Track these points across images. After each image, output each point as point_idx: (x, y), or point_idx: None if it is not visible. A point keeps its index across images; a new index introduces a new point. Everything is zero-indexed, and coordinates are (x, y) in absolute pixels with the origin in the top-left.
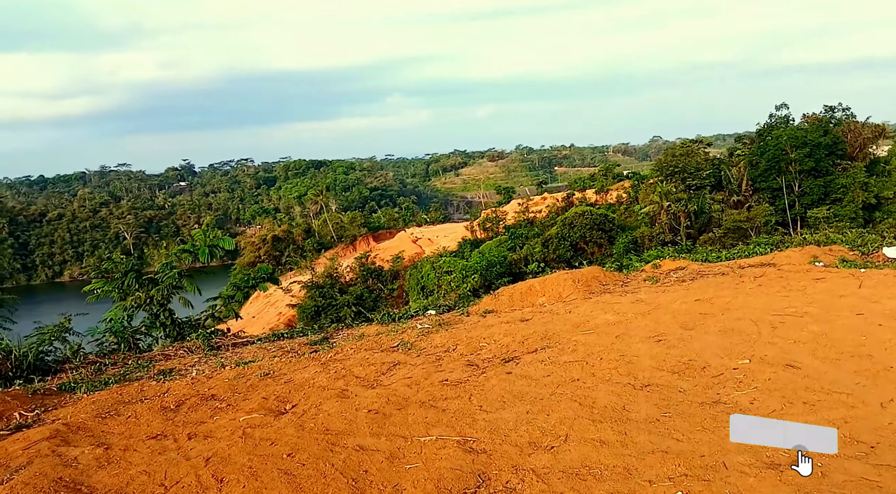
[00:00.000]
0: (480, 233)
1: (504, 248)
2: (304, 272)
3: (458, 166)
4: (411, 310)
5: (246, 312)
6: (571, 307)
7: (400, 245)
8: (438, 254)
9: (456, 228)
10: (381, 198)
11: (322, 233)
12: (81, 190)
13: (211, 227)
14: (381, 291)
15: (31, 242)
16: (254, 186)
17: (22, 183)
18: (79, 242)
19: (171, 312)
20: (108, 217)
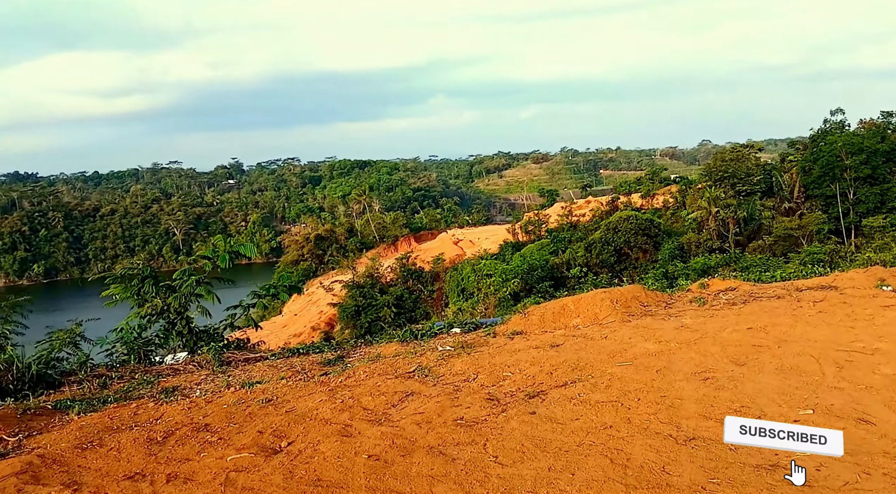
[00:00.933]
0: (522, 236)
1: (546, 252)
2: (346, 271)
3: (502, 168)
4: (435, 327)
5: (288, 309)
6: (608, 331)
7: (441, 246)
8: (479, 257)
9: (498, 230)
10: (424, 198)
11: (364, 233)
12: (134, 186)
13: (257, 224)
14: (420, 292)
15: (85, 236)
16: (299, 185)
17: (77, 178)
18: (130, 237)
19: (189, 321)
20: (158, 213)
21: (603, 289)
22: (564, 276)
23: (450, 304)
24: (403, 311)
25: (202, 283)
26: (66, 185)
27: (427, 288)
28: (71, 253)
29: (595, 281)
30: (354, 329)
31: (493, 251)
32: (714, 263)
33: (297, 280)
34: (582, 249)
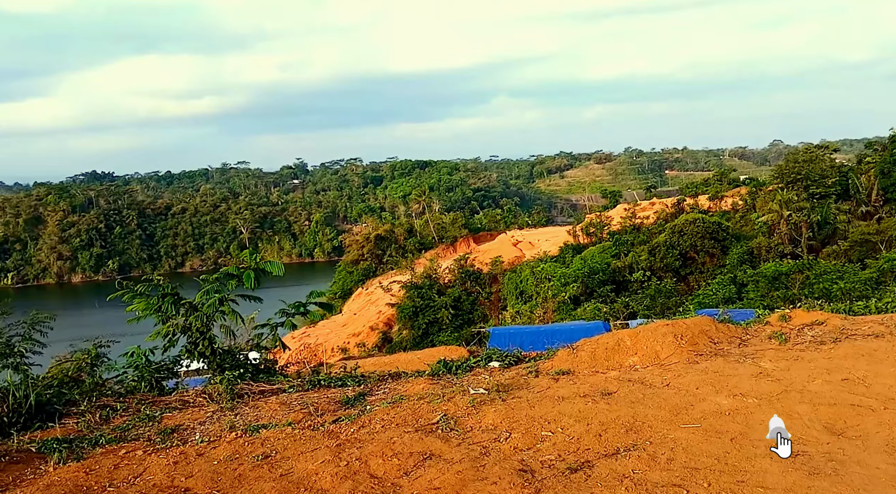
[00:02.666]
0: (583, 238)
1: (608, 255)
2: (404, 272)
3: (564, 168)
4: (471, 360)
5: (348, 309)
6: (671, 376)
7: (500, 247)
8: (539, 259)
9: (558, 232)
10: (484, 199)
11: (423, 233)
12: (204, 185)
13: (320, 223)
14: (478, 294)
15: (157, 234)
16: (361, 185)
17: (151, 178)
18: (199, 235)
19: (212, 341)
20: (226, 212)
21: (665, 322)
22: (627, 280)
23: (508, 307)
24: (461, 313)
25: (226, 302)
26: (140, 184)
27: (485, 291)
28: (144, 250)
29: (659, 286)
30: (412, 330)
31: (553, 253)
32: (786, 269)
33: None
34: (645, 252)
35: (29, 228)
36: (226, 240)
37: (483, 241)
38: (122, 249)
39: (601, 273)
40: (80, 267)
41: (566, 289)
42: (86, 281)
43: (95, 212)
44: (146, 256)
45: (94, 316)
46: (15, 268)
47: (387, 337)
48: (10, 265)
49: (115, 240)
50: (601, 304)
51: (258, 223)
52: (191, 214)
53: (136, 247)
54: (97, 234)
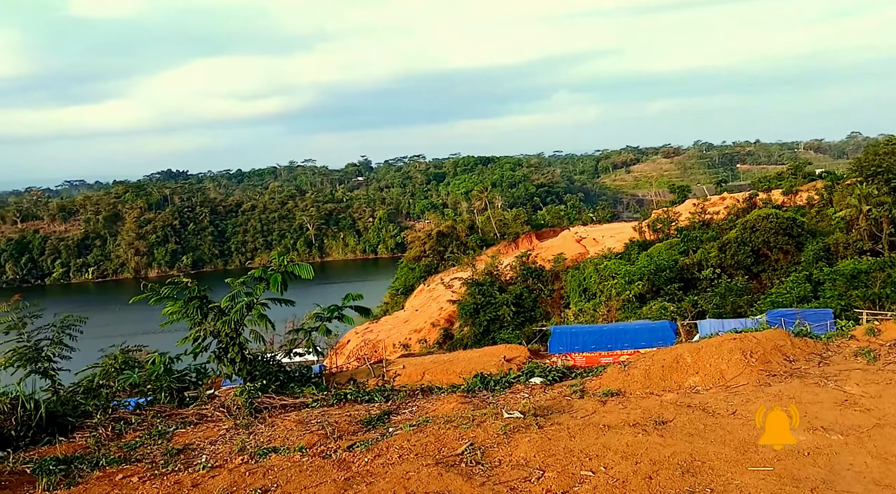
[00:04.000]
0: (650, 235)
1: (675, 252)
2: (466, 268)
3: (630, 163)
4: (510, 375)
5: (410, 305)
6: (738, 401)
7: (563, 244)
8: (603, 256)
9: (623, 228)
10: (547, 195)
11: (485, 230)
12: (272, 183)
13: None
14: (540, 292)
15: (228, 230)
16: (424, 182)
17: (223, 176)
18: (268, 231)
19: (242, 346)
20: (293, 209)
21: (732, 335)
22: (695, 278)
23: (570, 305)
24: (522, 310)
25: (255, 306)
26: (213, 182)
27: (547, 288)
28: (215, 246)
29: (729, 284)
30: (473, 326)
31: (618, 250)
32: (865, 267)
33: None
34: (715, 249)
35: (108, 225)
36: (293, 236)
37: (546, 238)
38: (196, 245)
39: (668, 270)
40: (157, 263)
41: (631, 287)
42: (161, 275)
43: (170, 209)
44: (218, 252)
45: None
46: (95, 264)
47: (448, 334)
48: (90, 260)
49: (188, 237)
50: (668, 303)
51: (324, 220)
52: (259, 211)
53: (208, 243)
54: (172, 231)
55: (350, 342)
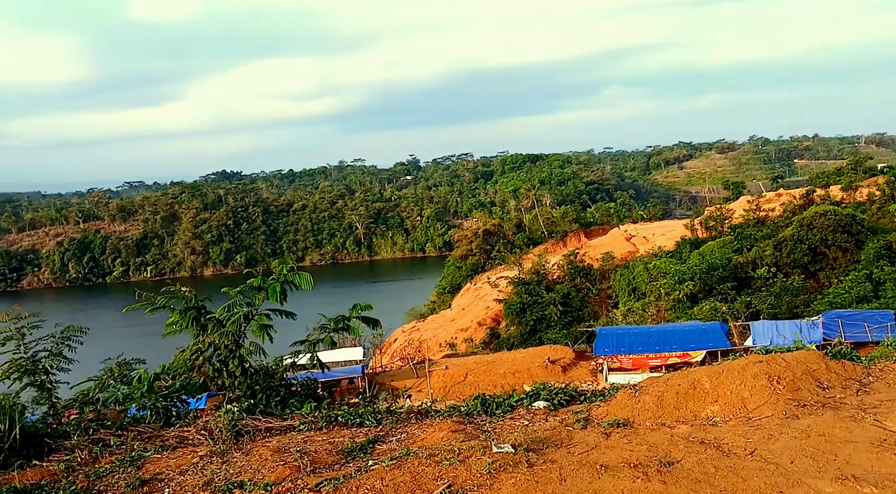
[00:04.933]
0: (702, 232)
1: (729, 250)
2: (512, 267)
3: (683, 159)
4: (513, 397)
5: (457, 304)
6: (759, 438)
7: (612, 242)
8: (653, 254)
9: (675, 226)
10: (597, 192)
11: (532, 228)
12: (322, 183)
13: (431, 218)
14: (588, 291)
15: (280, 229)
16: (472, 180)
17: (275, 176)
18: (318, 230)
19: (242, 359)
20: (343, 208)
21: (758, 357)
22: (749, 277)
23: (619, 305)
24: (570, 310)
25: (253, 317)
26: (265, 183)
27: (595, 287)
28: (268, 245)
29: (785, 284)
30: (520, 326)
31: (669, 248)
32: None
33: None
34: (770, 247)
35: (166, 225)
36: (343, 235)
37: (595, 236)
38: (249, 244)
39: (721, 269)
40: (211, 261)
41: (681, 287)
42: (216, 274)
43: (225, 209)
44: (270, 251)
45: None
46: (153, 263)
47: (494, 333)
48: (149, 259)
49: (242, 236)
50: (720, 303)
51: (372, 219)
52: (310, 210)
53: (260, 243)
54: (226, 230)
55: (397, 341)
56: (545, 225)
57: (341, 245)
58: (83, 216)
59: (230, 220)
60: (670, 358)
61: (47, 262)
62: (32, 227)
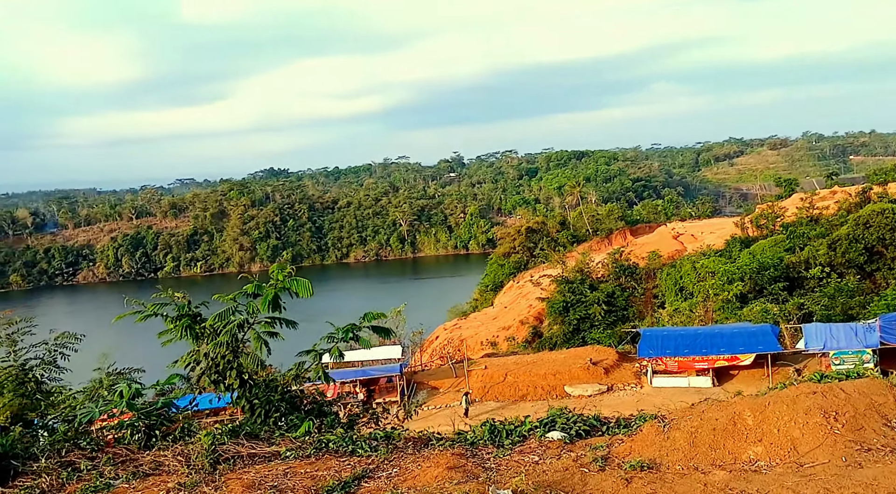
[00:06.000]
0: (753, 231)
1: (780, 249)
2: (556, 265)
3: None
4: (526, 425)
5: (499, 302)
6: (812, 492)
7: (659, 241)
8: (701, 253)
9: (725, 224)
10: (644, 189)
11: (577, 226)
12: (367, 180)
13: (475, 216)
14: (634, 290)
15: (325, 226)
16: (516, 177)
17: (321, 173)
18: (362, 227)
19: (241, 372)
20: (387, 205)
21: (812, 387)
22: (802, 277)
23: (665, 305)
24: (614, 309)
25: (249, 327)
26: (311, 180)
27: (641, 286)
28: (313, 242)
29: (839, 285)
30: (562, 325)
31: (719, 247)
32: None
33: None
34: (824, 247)
35: (215, 221)
36: (386, 232)
37: (641, 234)
38: (295, 240)
39: (772, 268)
40: (259, 257)
41: (730, 287)
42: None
43: (272, 206)
44: (315, 247)
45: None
46: (203, 258)
47: (537, 332)
48: (198, 255)
49: (288, 233)
50: (771, 304)
51: (416, 216)
52: (355, 208)
53: (306, 239)
54: (273, 227)
55: (438, 338)
56: (590, 222)
57: (385, 242)
58: (136, 212)
59: (277, 217)
60: (718, 361)
61: (101, 257)
62: (88, 223)
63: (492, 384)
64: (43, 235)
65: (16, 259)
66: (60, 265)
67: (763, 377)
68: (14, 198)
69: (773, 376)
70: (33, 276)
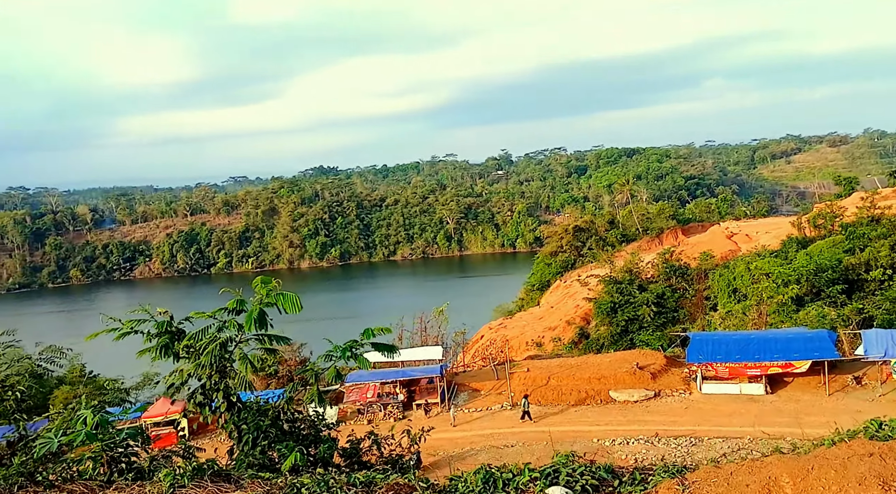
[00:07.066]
0: (810, 231)
1: (839, 250)
2: (604, 265)
3: (790, 152)
4: (524, 477)
5: (546, 301)
6: None
7: (712, 240)
8: (756, 253)
9: (780, 223)
10: (697, 187)
11: (626, 225)
12: (415, 177)
13: (522, 214)
14: (685, 291)
15: (373, 224)
16: (565, 175)
17: (369, 171)
18: (409, 225)
19: (228, 393)
20: (434, 203)
21: (866, 447)
22: (862, 280)
23: (718, 306)
24: (664, 311)
25: (235, 345)
26: (360, 178)
27: (692, 287)
28: (361, 239)
29: None
30: (610, 326)
31: (774, 247)
32: None
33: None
34: (886, 248)
35: (266, 218)
36: (433, 230)
37: (693, 233)
38: (343, 238)
39: (830, 270)
40: (308, 254)
41: (786, 290)
42: (312, 267)
43: (321, 203)
44: (363, 244)
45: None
46: (254, 255)
47: (584, 333)
48: (250, 251)
49: (336, 230)
50: (828, 308)
51: (463, 213)
52: (402, 205)
53: (354, 237)
54: (322, 224)
55: (483, 337)
56: (640, 221)
57: (432, 239)
58: (191, 209)
59: (326, 215)
60: (771, 367)
61: (157, 253)
62: (144, 220)
63: (534, 387)
64: (101, 231)
65: (76, 254)
66: (118, 260)
67: (819, 385)
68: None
69: (829, 384)
70: (92, 271)
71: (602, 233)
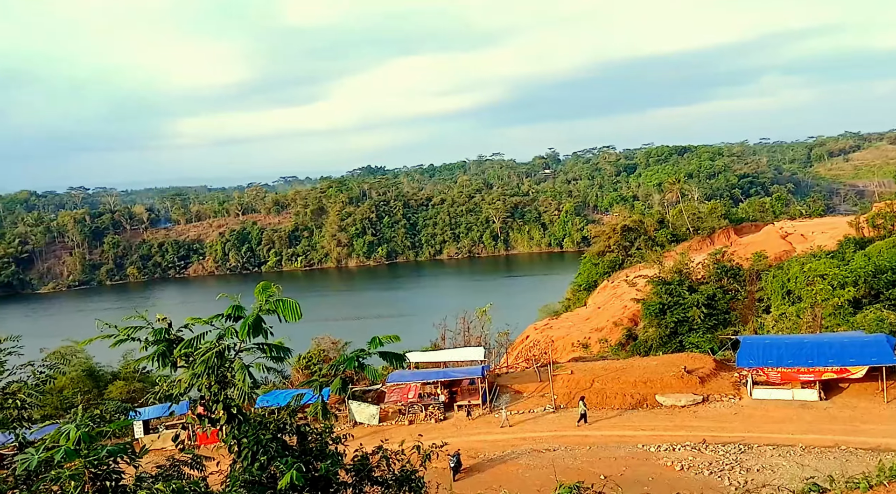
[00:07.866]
0: (869, 231)
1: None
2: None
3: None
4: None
5: (593, 301)
6: None
7: (765, 240)
8: (811, 254)
9: (837, 223)
10: (751, 186)
11: (676, 224)
12: (461, 177)
13: (570, 213)
14: (737, 293)
15: (419, 223)
16: (613, 173)
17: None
18: (456, 224)
19: (229, 405)
20: (480, 202)
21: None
22: None
23: (771, 309)
24: (715, 313)
25: (234, 355)
26: (407, 177)
27: (744, 289)
28: (407, 238)
29: None
30: (658, 328)
31: (830, 248)
32: None
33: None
34: None
35: (314, 218)
36: (479, 229)
37: (746, 233)
38: (390, 237)
39: (889, 272)
40: (355, 253)
41: (842, 292)
42: (359, 265)
43: (368, 203)
44: (409, 244)
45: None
46: (303, 253)
47: (631, 334)
48: (299, 250)
49: (383, 229)
50: (888, 311)
51: (509, 213)
52: (448, 205)
53: (401, 236)
54: (369, 223)
55: (528, 338)
56: (690, 221)
57: (478, 239)
58: (242, 209)
59: (373, 214)
60: (825, 373)
61: (210, 252)
62: (198, 219)
63: (578, 390)
64: (157, 230)
65: (133, 252)
66: (173, 258)
67: (877, 391)
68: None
69: (888, 391)
70: (148, 269)
71: (651, 232)
